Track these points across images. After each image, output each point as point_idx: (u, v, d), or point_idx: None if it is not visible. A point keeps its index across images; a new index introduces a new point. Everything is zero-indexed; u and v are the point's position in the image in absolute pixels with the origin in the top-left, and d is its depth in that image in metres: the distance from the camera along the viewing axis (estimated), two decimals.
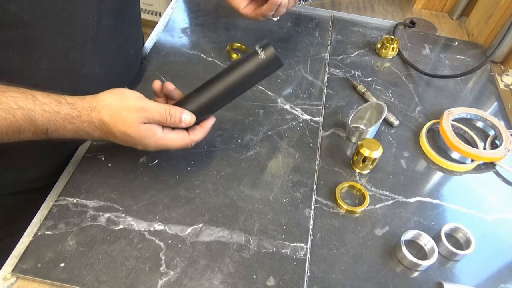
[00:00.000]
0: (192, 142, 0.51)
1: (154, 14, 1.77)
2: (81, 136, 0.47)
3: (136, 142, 0.48)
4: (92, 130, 0.47)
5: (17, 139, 0.44)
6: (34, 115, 0.43)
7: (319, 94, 0.72)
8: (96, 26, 0.53)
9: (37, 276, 0.47)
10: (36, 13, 0.45)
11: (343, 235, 0.54)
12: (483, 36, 0.87)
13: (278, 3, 0.61)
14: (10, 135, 0.43)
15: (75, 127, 0.46)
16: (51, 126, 0.45)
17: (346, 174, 0.61)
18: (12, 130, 0.43)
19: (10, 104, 0.42)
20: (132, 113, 0.46)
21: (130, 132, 0.47)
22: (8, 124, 0.42)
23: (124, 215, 0.52)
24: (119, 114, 0.46)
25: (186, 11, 0.87)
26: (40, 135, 0.45)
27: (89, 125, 0.47)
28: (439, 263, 0.52)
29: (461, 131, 0.68)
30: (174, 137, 0.50)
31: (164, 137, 0.49)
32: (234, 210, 0.54)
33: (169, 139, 0.49)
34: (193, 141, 0.51)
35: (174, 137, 0.50)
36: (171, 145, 0.50)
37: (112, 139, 0.49)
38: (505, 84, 0.80)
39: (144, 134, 0.47)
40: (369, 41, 0.85)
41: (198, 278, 0.48)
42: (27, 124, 0.43)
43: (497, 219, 0.58)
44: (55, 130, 0.45)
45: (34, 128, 0.44)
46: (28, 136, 0.45)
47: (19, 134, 0.44)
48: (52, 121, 0.45)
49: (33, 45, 0.48)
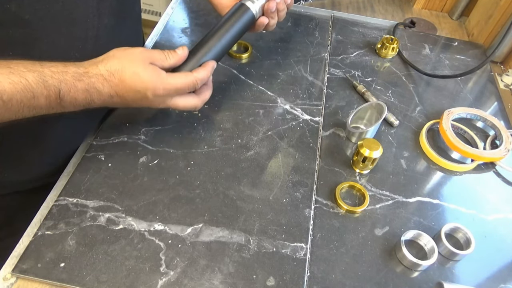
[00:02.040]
0: (198, 80, 0.52)
1: (154, 14, 1.77)
2: (92, 96, 0.47)
3: (146, 87, 0.48)
4: (102, 84, 0.47)
5: (32, 109, 0.44)
6: (45, 77, 0.43)
7: (319, 94, 0.72)
8: (96, 25, 0.53)
9: (37, 276, 0.46)
10: (36, 12, 0.45)
11: (343, 235, 0.54)
12: (483, 36, 0.87)
13: (265, 24, 0.63)
14: (25, 103, 0.42)
15: (85, 85, 0.46)
16: (62, 86, 0.44)
17: (346, 174, 0.61)
18: (26, 96, 0.42)
19: (20, 69, 0.42)
20: (137, 54, 0.48)
21: (139, 71, 0.47)
22: (22, 88, 0.41)
23: (124, 215, 0.52)
24: (126, 58, 0.48)
25: (186, 11, 0.87)
26: (53, 100, 0.44)
27: (98, 79, 0.46)
28: (439, 263, 0.52)
29: (461, 131, 0.68)
30: (179, 76, 0.51)
31: (170, 78, 0.50)
32: (234, 210, 0.54)
33: (176, 80, 0.50)
34: (198, 79, 0.52)
35: (179, 77, 0.51)
36: (180, 86, 0.51)
37: (122, 93, 0.48)
38: (505, 84, 0.80)
39: (151, 73, 0.48)
40: (369, 41, 0.85)
41: (198, 278, 0.48)
42: (40, 87, 0.43)
43: (497, 219, 0.58)
44: (67, 92, 0.45)
45: (47, 91, 0.43)
46: (42, 104, 0.44)
47: (34, 100, 0.43)
48: (63, 82, 0.44)
49: (34, 45, 0.48)
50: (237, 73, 0.74)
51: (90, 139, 0.61)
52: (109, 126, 0.62)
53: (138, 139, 0.61)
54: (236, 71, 0.74)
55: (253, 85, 0.72)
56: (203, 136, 0.63)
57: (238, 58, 0.76)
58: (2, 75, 0.40)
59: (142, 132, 0.62)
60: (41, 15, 0.46)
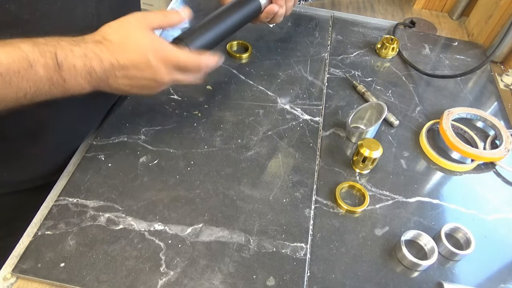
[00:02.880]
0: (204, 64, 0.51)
1: None
2: (92, 62, 0.44)
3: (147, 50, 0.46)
4: (100, 50, 0.44)
5: (33, 84, 0.42)
6: (39, 45, 0.42)
7: (319, 94, 0.72)
8: (95, 25, 0.53)
9: (37, 276, 0.46)
10: (35, 12, 0.45)
11: (343, 235, 0.54)
12: (483, 36, 0.87)
13: (274, 12, 0.62)
14: (23, 74, 0.41)
15: (83, 50, 0.44)
16: (58, 51, 0.42)
17: (346, 174, 0.61)
18: (23, 66, 0.40)
19: (14, 41, 0.41)
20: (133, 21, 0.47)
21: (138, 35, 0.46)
22: (18, 57, 0.40)
23: (124, 215, 0.52)
24: (123, 26, 0.46)
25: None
26: (52, 68, 0.42)
27: (96, 45, 0.45)
28: (439, 263, 0.52)
29: (461, 131, 0.68)
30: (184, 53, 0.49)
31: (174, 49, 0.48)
32: (234, 210, 0.54)
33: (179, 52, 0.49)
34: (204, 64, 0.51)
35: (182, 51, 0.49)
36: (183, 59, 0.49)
37: (123, 60, 0.46)
38: (505, 84, 0.80)
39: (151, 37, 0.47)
40: (369, 41, 0.85)
41: (198, 278, 0.48)
42: (36, 54, 0.41)
43: (497, 219, 0.58)
44: (64, 57, 0.43)
45: (43, 59, 0.41)
46: (42, 75, 0.42)
47: (31, 70, 0.41)
48: (58, 47, 0.42)
49: None
50: (237, 73, 0.74)
51: (90, 139, 0.61)
52: (109, 126, 0.62)
53: (138, 139, 0.61)
54: (236, 71, 0.74)
55: (253, 85, 0.72)
56: (203, 136, 0.63)
57: (238, 58, 0.76)
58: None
59: (142, 132, 0.62)
60: (40, 15, 0.46)
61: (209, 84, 0.71)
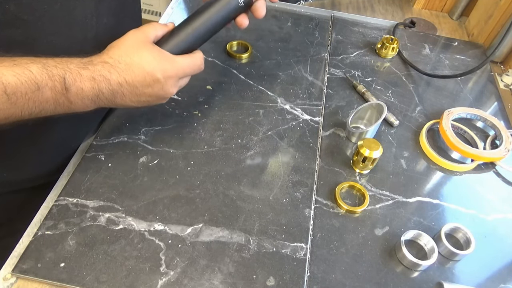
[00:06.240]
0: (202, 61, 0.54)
1: (154, 14, 1.77)
2: (100, 85, 0.45)
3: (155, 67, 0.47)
4: (108, 71, 0.45)
5: (39, 104, 0.42)
6: (48, 67, 0.42)
7: (319, 94, 0.72)
8: (95, 25, 0.53)
9: (37, 276, 0.46)
10: (35, 12, 0.45)
11: (343, 235, 0.54)
12: (483, 36, 0.87)
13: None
14: (30, 96, 0.41)
15: (91, 73, 0.45)
16: (67, 75, 0.43)
17: (346, 174, 0.61)
18: (31, 88, 0.41)
19: (24, 61, 0.41)
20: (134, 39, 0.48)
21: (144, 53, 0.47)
22: (26, 79, 0.40)
23: (124, 215, 0.52)
24: (126, 45, 0.47)
25: (186, 11, 0.87)
26: (59, 92, 0.43)
27: (104, 67, 0.45)
28: (439, 263, 0.52)
29: (461, 131, 0.68)
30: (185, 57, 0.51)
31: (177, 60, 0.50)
32: (234, 210, 0.54)
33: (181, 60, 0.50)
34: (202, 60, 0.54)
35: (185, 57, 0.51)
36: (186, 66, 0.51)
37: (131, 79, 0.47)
38: (505, 84, 0.80)
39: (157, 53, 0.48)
40: (369, 41, 0.85)
41: (198, 278, 0.48)
42: (44, 77, 0.41)
43: (497, 219, 0.58)
44: (73, 81, 0.43)
45: (52, 82, 0.42)
46: (48, 97, 0.42)
47: (39, 93, 0.41)
48: (68, 71, 0.43)
49: (33, 45, 0.48)
50: (237, 73, 0.74)
51: (90, 139, 0.61)
52: (109, 126, 0.62)
53: (138, 139, 0.61)
54: (236, 71, 0.74)
55: (253, 85, 0.72)
56: (203, 136, 0.63)
57: (238, 58, 0.76)
58: (5, 68, 0.40)
59: (142, 132, 0.62)
60: (39, 15, 0.46)
61: (209, 84, 0.71)
